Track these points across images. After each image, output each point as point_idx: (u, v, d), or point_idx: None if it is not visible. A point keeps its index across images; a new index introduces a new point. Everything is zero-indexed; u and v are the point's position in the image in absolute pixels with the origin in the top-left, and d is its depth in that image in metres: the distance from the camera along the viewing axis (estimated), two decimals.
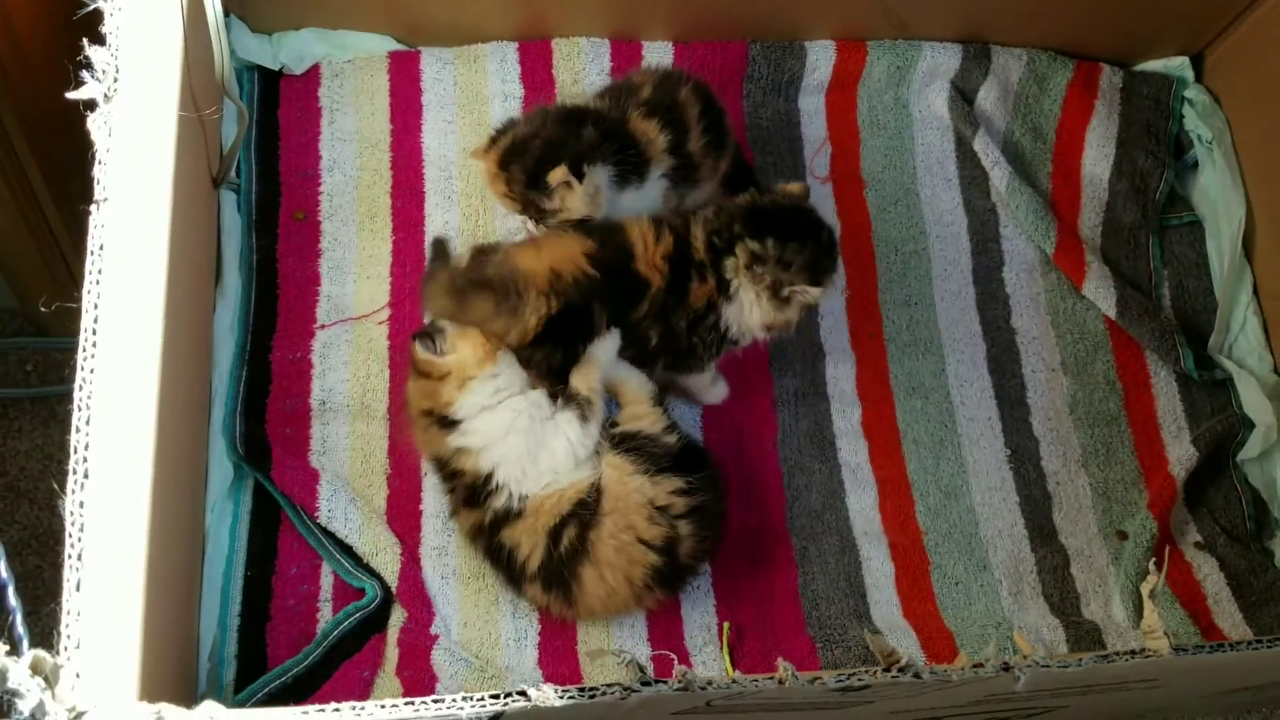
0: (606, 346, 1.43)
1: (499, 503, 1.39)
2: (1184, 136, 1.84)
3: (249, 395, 1.52)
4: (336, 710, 0.75)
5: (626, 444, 1.42)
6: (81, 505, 0.81)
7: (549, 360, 1.41)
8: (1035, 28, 1.81)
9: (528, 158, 1.41)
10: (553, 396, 1.42)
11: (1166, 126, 1.82)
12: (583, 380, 1.42)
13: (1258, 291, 1.76)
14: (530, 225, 1.48)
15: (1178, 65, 1.87)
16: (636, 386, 1.47)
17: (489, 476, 1.39)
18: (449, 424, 1.40)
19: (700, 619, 1.49)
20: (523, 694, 0.74)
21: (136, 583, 1.01)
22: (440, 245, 1.62)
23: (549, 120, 1.45)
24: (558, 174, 1.38)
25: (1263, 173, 1.75)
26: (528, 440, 1.40)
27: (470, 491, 1.41)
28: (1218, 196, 1.78)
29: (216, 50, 1.31)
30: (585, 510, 1.38)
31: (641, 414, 1.45)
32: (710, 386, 1.59)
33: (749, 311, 1.42)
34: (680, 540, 1.40)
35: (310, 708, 0.75)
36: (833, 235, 1.45)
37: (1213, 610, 1.57)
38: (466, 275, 1.42)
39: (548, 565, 1.38)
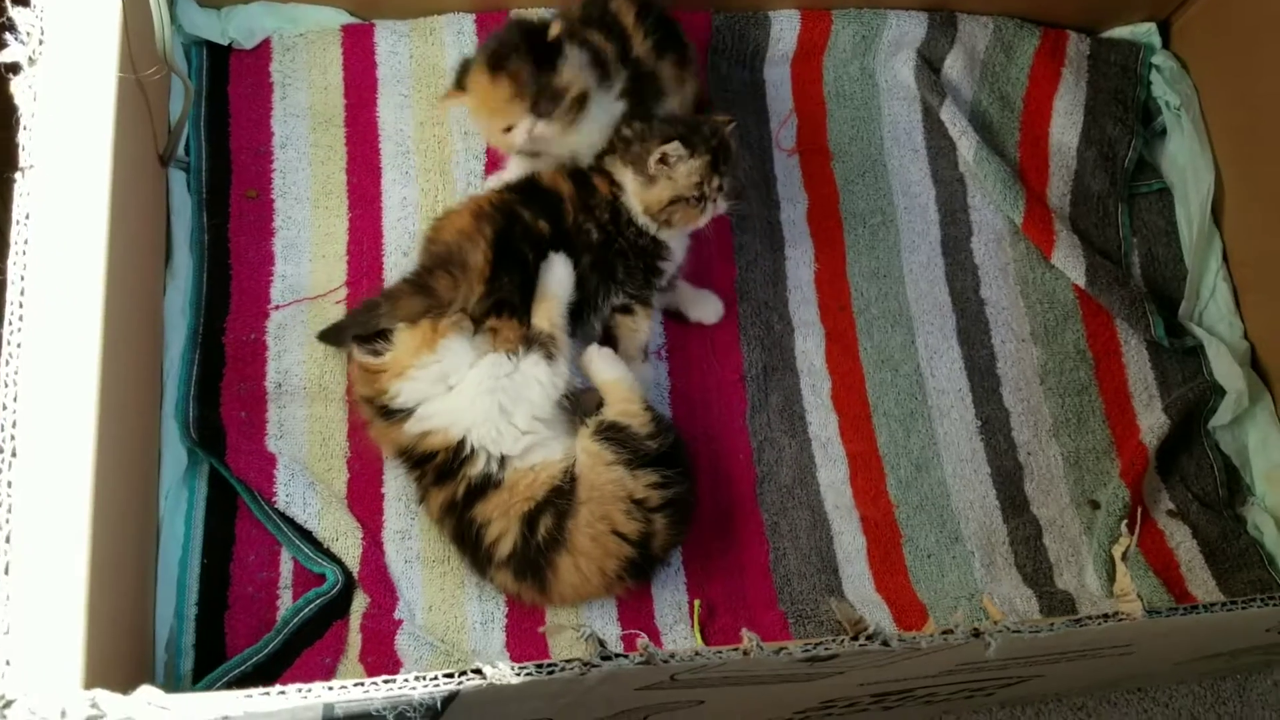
0: (557, 274, 1.42)
1: (476, 469, 1.37)
2: (1152, 103, 1.83)
3: (202, 379, 1.48)
4: (282, 693, 0.72)
5: (609, 434, 1.39)
6: (10, 485, 0.77)
7: (510, 299, 1.40)
8: None
9: (522, 50, 1.39)
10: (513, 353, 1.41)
11: (1134, 93, 1.81)
12: (543, 316, 1.41)
13: (1227, 258, 1.75)
14: (516, 151, 1.49)
15: (1145, 31, 1.85)
16: (627, 388, 1.44)
17: (462, 443, 1.37)
18: (392, 413, 1.38)
19: (671, 597, 1.47)
20: (478, 672, 0.71)
21: (78, 570, 0.97)
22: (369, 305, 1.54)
23: (515, 28, 1.45)
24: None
25: (1231, 138, 1.74)
26: (498, 398, 1.38)
27: (443, 467, 1.38)
28: (1186, 163, 1.77)
29: (157, 21, 1.27)
30: (562, 499, 1.36)
31: (632, 413, 1.42)
32: (698, 302, 1.59)
33: (631, 197, 1.46)
34: (655, 534, 1.39)
35: (254, 691, 0.72)
36: (720, 130, 1.46)
37: (1186, 578, 1.56)
38: (415, 274, 1.42)
39: (522, 554, 1.36)
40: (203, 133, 1.61)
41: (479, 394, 1.38)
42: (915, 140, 1.77)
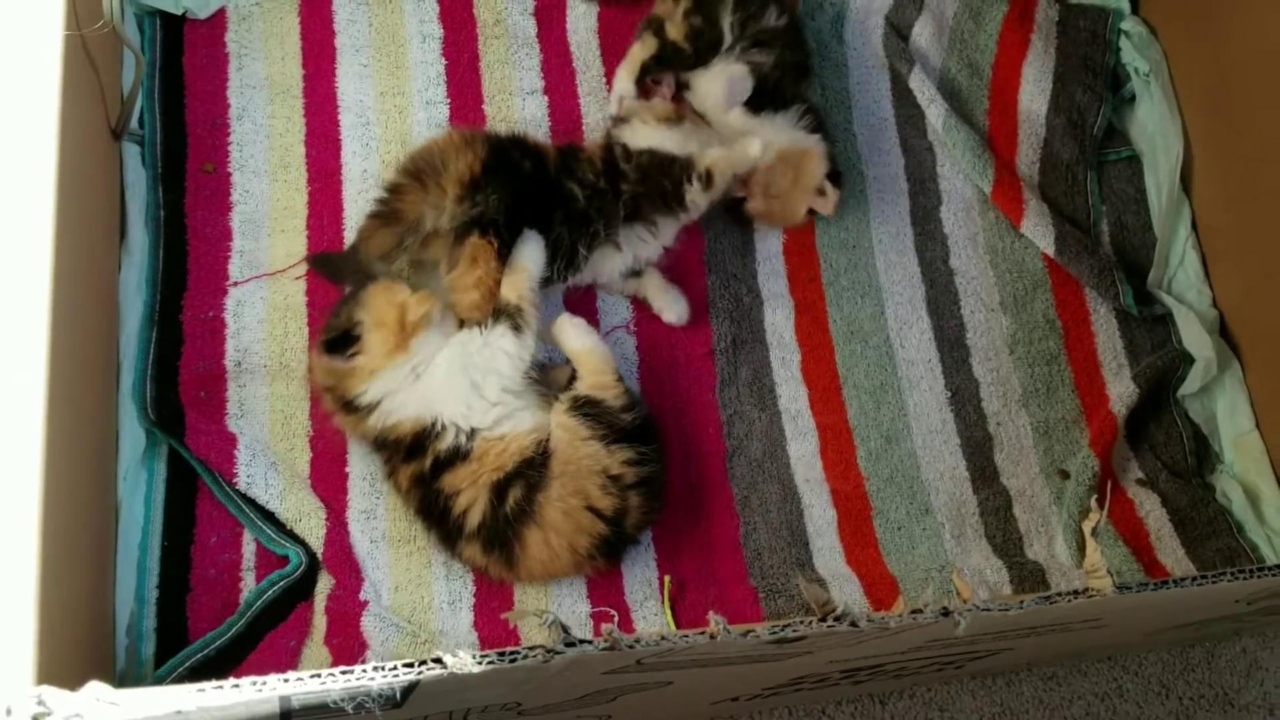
0: (530, 248, 1.41)
1: (444, 444, 1.35)
2: (1121, 70, 1.82)
3: (160, 357, 1.45)
4: (236, 686, 0.70)
5: (585, 409, 1.38)
6: None
7: (495, 217, 1.39)
8: None
9: None
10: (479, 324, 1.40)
11: (1104, 60, 1.79)
12: (511, 288, 1.40)
13: (1196, 226, 1.75)
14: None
15: None
16: (600, 359, 1.43)
17: (433, 423, 1.36)
18: (359, 408, 1.36)
19: (641, 573, 1.46)
20: (439, 661, 0.70)
21: (28, 556, 0.94)
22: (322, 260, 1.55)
23: None
24: None
25: (1201, 105, 1.73)
26: (468, 375, 1.37)
27: (411, 445, 1.36)
28: (1156, 130, 1.76)
29: None
30: (532, 470, 1.35)
31: (605, 385, 1.41)
32: (666, 297, 1.58)
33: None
34: (629, 511, 1.38)
35: (208, 684, 0.70)
36: None
37: (1155, 546, 1.57)
38: (379, 201, 1.43)
39: (491, 525, 1.34)
40: (157, 105, 1.57)
41: (449, 374, 1.37)
42: (884, 109, 1.75)
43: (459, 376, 1.37)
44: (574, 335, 1.45)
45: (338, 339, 1.35)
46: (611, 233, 1.49)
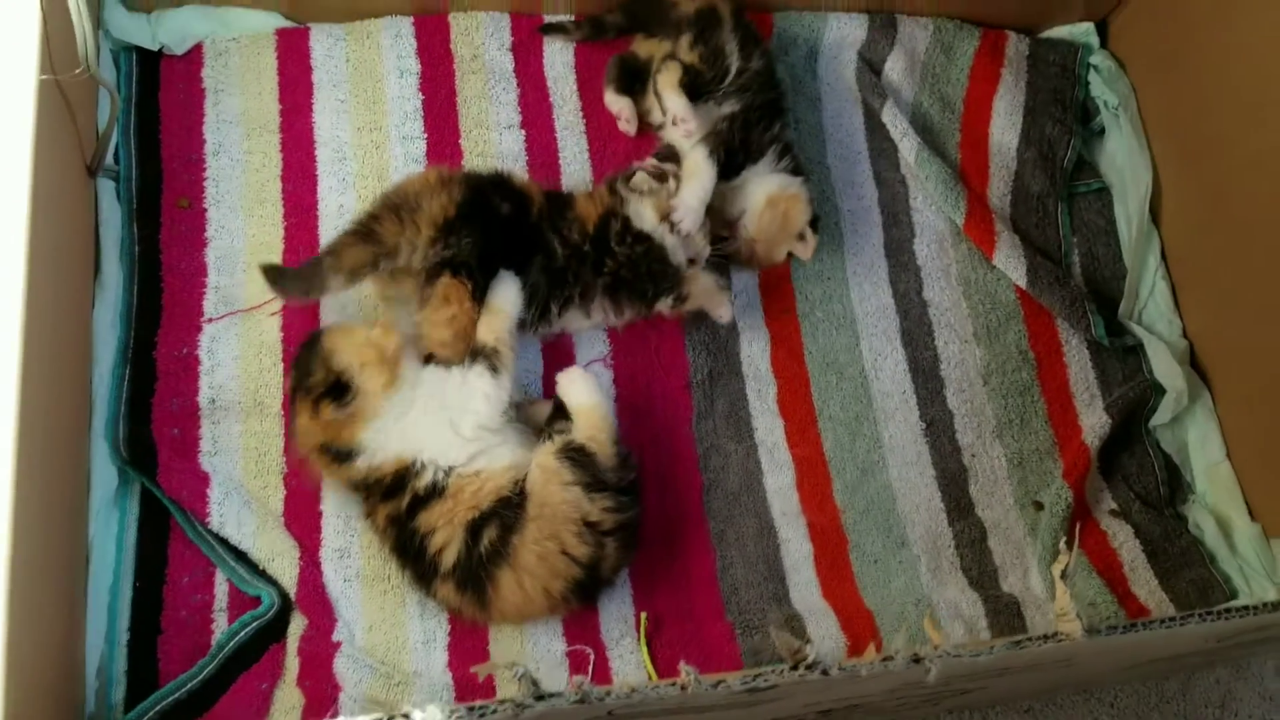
0: (507, 291, 1.41)
1: (423, 481, 1.35)
2: (1090, 103, 1.84)
3: (133, 395, 1.44)
4: None
5: (574, 455, 1.37)
6: None
7: (466, 260, 1.39)
8: None
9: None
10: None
11: (1073, 93, 1.82)
12: (488, 330, 1.40)
13: (1166, 256, 1.77)
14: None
15: (1083, 31, 1.86)
16: (601, 418, 1.42)
17: (414, 461, 1.36)
18: (347, 455, 1.36)
19: (617, 610, 1.45)
20: (406, 717, 0.69)
21: None
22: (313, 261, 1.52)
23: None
24: None
25: (1168, 137, 1.75)
26: (446, 414, 1.37)
27: (393, 482, 1.36)
28: (1125, 162, 1.78)
29: (77, 23, 1.22)
30: (508, 511, 1.34)
31: (600, 441, 1.39)
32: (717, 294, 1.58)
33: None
34: (605, 559, 1.37)
35: None
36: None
37: (1129, 578, 1.57)
38: (358, 221, 1.41)
39: (465, 564, 1.33)
40: (132, 140, 1.57)
41: (428, 412, 1.37)
42: (857, 142, 1.76)
43: (437, 414, 1.37)
44: (579, 390, 1.44)
45: (334, 388, 1.34)
46: (585, 302, 1.50)
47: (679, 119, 1.54)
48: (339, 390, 1.34)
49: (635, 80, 1.64)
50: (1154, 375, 1.67)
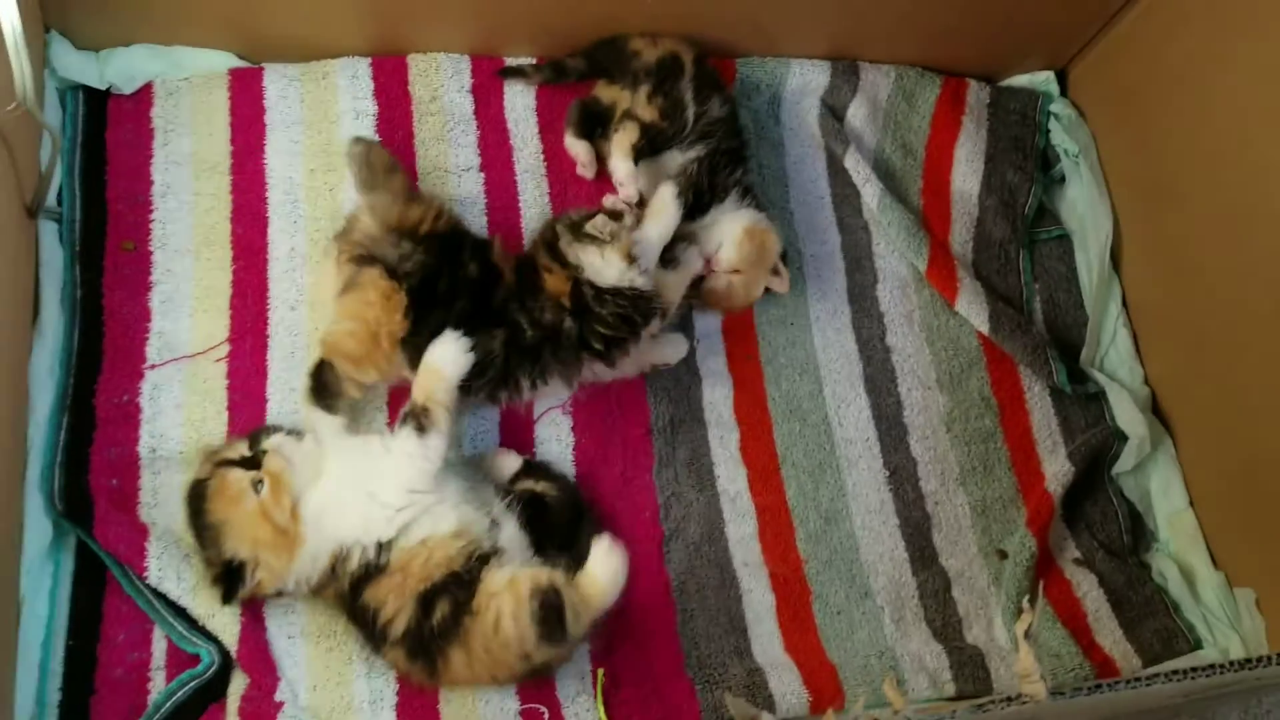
0: (446, 353, 1.33)
1: (353, 566, 1.28)
2: (1051, 151, 1.85)
3: (70, 444, 1.39)
4: None
5: (546, 605, 1.26)
6: None
7: (405, 266, 1.36)
8: (902, 44, 1.79)
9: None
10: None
11: (1034, 141, 1.82)
12: (420, 389, 1.32)
13: (1127, 304, 1.77)
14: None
15: (1043, 80, 1.87)
16: (603, 597, 1.32)
17: (338, 549, 1.29)
18: (281, 593, 1.31)
19: (573, 666, 1.41)
20: None
21: None
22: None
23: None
24: None
25: (1128, 185, 1.75)
26: (361, 488, 1.30)
27: (329, 572, 1.30)
28: (1085, 210, 1.78)
29: (15, 61, 1.19)
30: (461, 591, 1.27)
31: (585, 609, 1.31)
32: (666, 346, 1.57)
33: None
34: (556, 659, 1.34)
35: None
36: None
37: (1093, 628, 1.56)
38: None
39: (415, 635, 1.27)
40: (77, 181, 1.53)
41: (339, 496, 1.29)
42: (820, 187, 1.75)
43: (350, 492, 1.30)
44: (606, 569, 1.34)
45: (226, 586, 1.26)
46: (570, 373, 1.44)
47: (620, 182, 1.54)
48: (232, 579, 1.26)
49: (596, 124, 1.63)
50: (1116, 422, 1.67)
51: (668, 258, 1.49)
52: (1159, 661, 1.55)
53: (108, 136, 1.57)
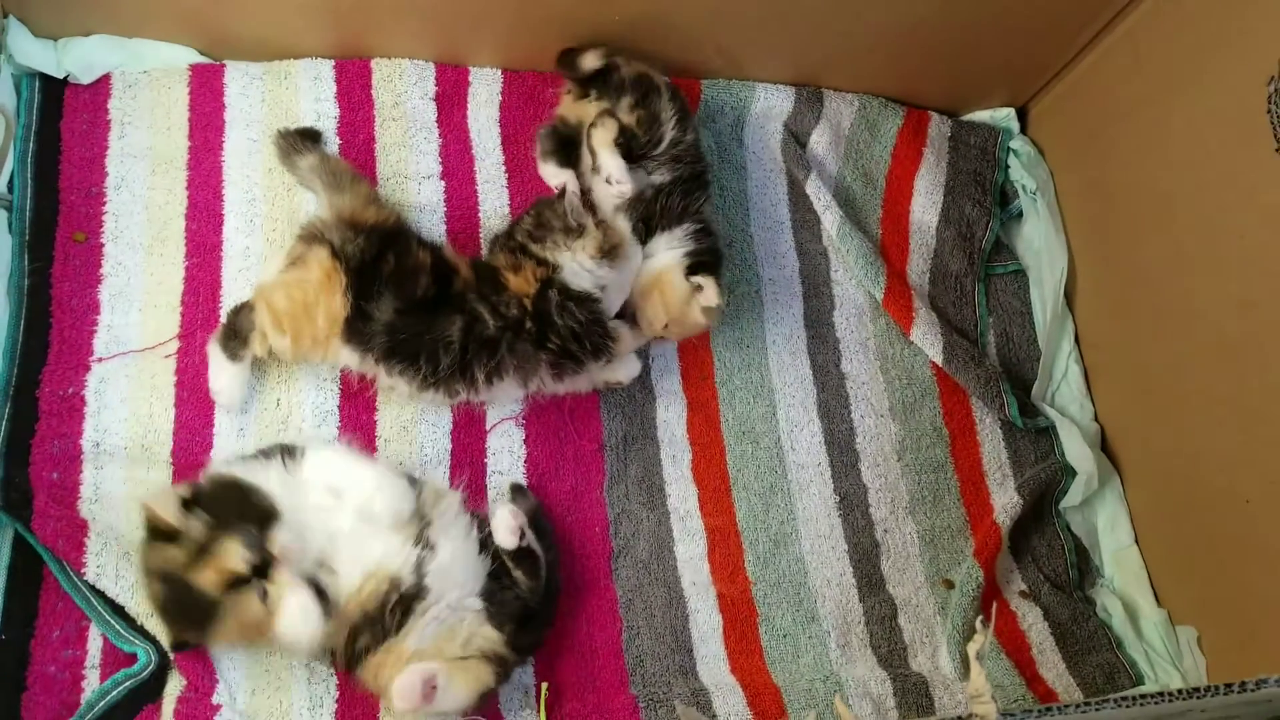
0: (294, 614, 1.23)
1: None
2: (1009, 186, 1.87)
3: (12, 435, 1.37)
4: None
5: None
6: None
7: (346, 248, 1.38)
8: (866, 74, 1.81)
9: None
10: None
11: (993, 176, 1.84)
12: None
13: (1079, 340, 1.79)
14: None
15: (1004, 116, 1.90)
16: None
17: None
18: None
19: (517, 679, 1.40)
20: None
21: None
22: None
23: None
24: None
25: (1083, 223, 1.78)
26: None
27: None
28: (1041, 246, 1.80)
29: None
30: (376, 626, 1.25)
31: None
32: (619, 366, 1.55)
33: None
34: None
35: None
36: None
37: (1037, 660, 1.57)
38: None
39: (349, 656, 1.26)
40: (29, 169, 1.50)
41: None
42: (781, 212, 1.76)
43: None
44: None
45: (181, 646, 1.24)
46: (524, 374, 1.43)
47: (614, 180, 1.51)
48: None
49: (572, 149, 1.60)
50: (1065, 457, 1.69)
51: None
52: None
53: (63, 126, 1.54)
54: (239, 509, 1.21)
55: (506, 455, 1.51)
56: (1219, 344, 1.49)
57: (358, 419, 1.47)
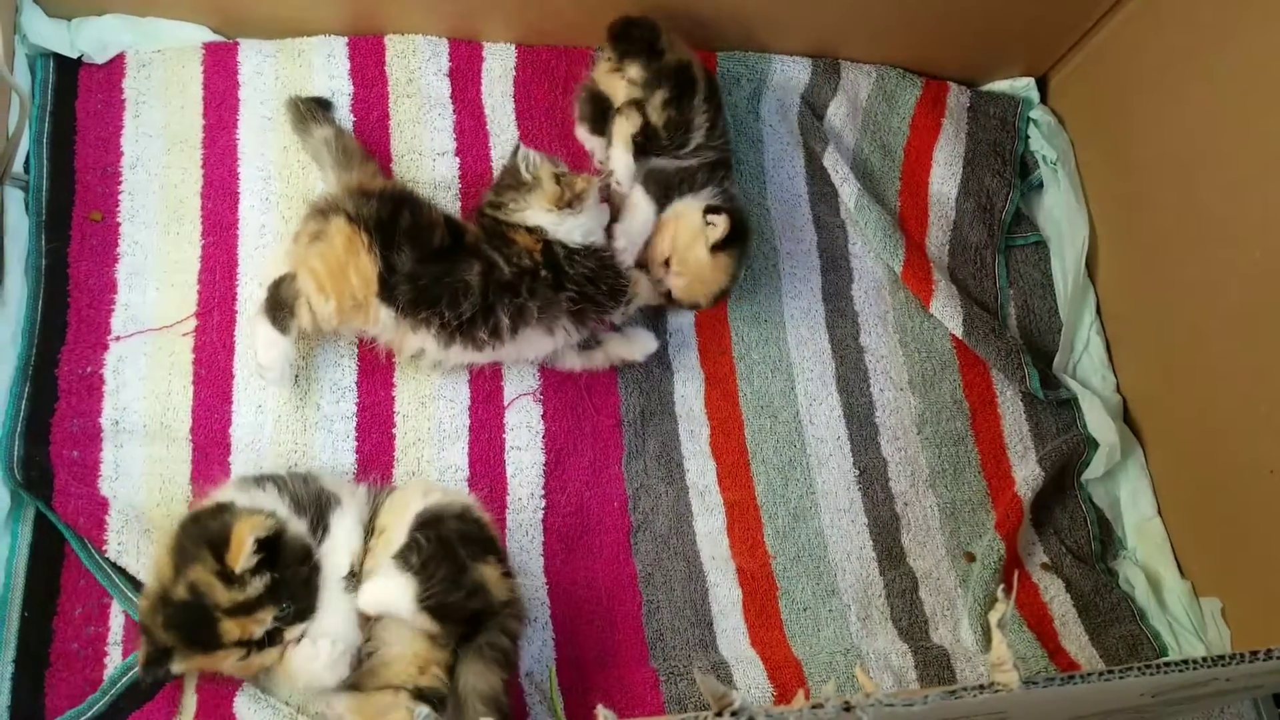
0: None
1: None
2: (1029, 157, 1.85)
3: (31, 414, 1.36)
4: None
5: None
6: None
7: (363, 213, 1.38)
8: (884, 45, 1.79)
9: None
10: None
11: (1013, 146, 1.82)
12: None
13: (1100, 311, 1.77)
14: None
15: (1023, 86, 1.88)
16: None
17: None
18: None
19: (539, 651, 1.40)
20: None
21: None
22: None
23: None
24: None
25: (1105, 193, 1.76)
26: None
27: None
28: (1062, 217, 1.79)
29: None
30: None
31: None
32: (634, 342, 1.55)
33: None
34: None
35: None
36: None
37: (1059, 633, 1.56)
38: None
39: None
40: (45, 149, 1.50)
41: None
42: (798, 185, 1.75)
43: None
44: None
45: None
46: (548, 319, 1.42)
47: (615, 180, 1.52)
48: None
49: (604, 118, 1.58)
50: (1087, 429, 1.67)
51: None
52: None
53: (77, 106, 1.54)
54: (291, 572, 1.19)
55: (524, 431, 1.51)
56: (1242, 314, 1.48)
57: (375, 395, 1.47)
